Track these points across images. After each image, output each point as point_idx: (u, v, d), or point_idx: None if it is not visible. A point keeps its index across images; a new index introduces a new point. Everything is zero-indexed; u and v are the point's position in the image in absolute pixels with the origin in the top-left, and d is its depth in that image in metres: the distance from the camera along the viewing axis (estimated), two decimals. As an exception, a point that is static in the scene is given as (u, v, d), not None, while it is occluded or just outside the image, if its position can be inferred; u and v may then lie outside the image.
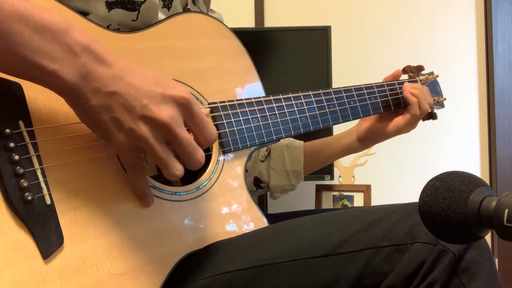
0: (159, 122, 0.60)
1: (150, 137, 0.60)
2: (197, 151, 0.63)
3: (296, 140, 1.18)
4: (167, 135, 0.61)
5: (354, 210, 0.77)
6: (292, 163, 1.14)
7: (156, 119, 0.59)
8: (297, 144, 1.17)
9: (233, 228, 0.79)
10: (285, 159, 1.14)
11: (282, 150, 1.15)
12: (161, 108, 0.60)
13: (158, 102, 0.60)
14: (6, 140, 0.57)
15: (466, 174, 0.55)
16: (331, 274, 0.66)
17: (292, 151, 1.15)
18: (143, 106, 0.59)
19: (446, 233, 0.55)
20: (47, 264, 0.57)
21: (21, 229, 0.56)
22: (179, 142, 0.61)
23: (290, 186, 1.16)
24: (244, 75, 0.89)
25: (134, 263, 0.65)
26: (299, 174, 1.15)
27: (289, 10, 1.92)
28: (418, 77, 1.14)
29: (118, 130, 0.60)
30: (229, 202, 0.80)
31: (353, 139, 1.13)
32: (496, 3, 1.88)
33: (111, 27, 0.77)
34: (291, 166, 1.14)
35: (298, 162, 1.14)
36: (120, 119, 0.59)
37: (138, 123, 0.59)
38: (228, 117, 0.82)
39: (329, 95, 0.97)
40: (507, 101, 1.89)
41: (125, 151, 0.62)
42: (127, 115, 0.59)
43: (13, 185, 0.57)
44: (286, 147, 1.15)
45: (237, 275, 0.69)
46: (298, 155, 1.15)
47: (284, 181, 1.15)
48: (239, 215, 0.80)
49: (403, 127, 1.07)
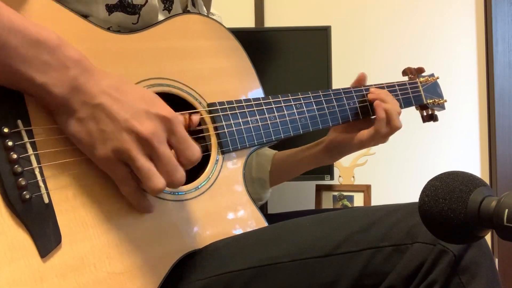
0: (141, 136, 0.60)
1: (133, 149, 0.60)
2: (177, 170, 0.63)
3: (268, 149, 1.13)
4: (149, 150, 0.61)
5: (354, 210, 0.77)
6: (258, 170, 1.11)
7: (138, 133, 0.60)
8: (267, 152, 1.13)
9: (232, 228, 0.79)
10: (252, 166, 1.11)
11: (251, 157, 1.09)
12: (144, 123, 0.61)
13: (141, 117, 0.61)
14: (4, 139, 0.57)
15: (466, 174, 0.55)
16: (331, 274, 0.66)
17: (261, 158, 1.11)
18: (126, 120, 0.60)
19: (446, 233, 0.55)
20: (45, 262, 0.57)
21: (19, 227, 0.56)
22: (159, 159, 0.62)
23: (255, 194, 1.09)
24: (243, 76, 0.89)
25: (132, 262, 0.65)
26: (264, 183, 1.11)
27: (289, 10, 1.92)
28: (418, 79, 1.14)
29: (103, 142, 0.61)
30: (228, 202, 0.80)
31: (320, 149, 1.06)
32: (496, 3, 1.88)
33: (112, 29, 0.77)
34: (256, 173, 1.11)
35: (264, 170, 1.11)
36: (105, 130, 0.60)
37: (122, 134, 0.60)
38: (227, 118, 0.82)
39: (328, 96, 0.96)
40: (507, 101, 1.89)
41: (111, 165, 0.62)
42: (111, 126, 0.60)
43: (11, 184, 0.57)
44: (256, 154, 1.11)
45: (237, 275, 0.69)
46: (265, 163, 1.11)
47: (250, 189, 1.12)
48: (238, 215, 0.80)
49: (366, 141, 0.99)
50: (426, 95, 1.13)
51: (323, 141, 1.06)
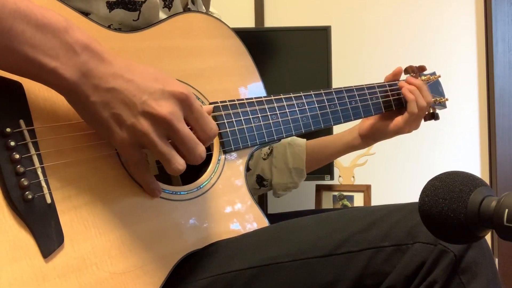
0: (159, 117, 0.60)
1: (151, 132, 0.60)
2: (198, 145, 0.64)
3: (299, 138, 1.18)
4: (168, 130, 0.61)
5: (354, 210, 0.77)
6: (294, 161, 1.14)
7: (156, 115, 0.60)
8: (299, 142, 1.17)
9: (234, 227, 0.79)
10: (287, 157, 1.15)
11: (284, 148, 1.15)
12: (161, 104, 0.60)
13: (158, 98, 0.60)
14: (6, 139, 0.57)
15: (466, 174, 0.55)
16: (331, 274, 0.66)
17: (294, 148, 1.15)
18: (143, 102, 0.60)
19: (446, 233, 0.55)
20: (47, 263, 0.57)
21: (21, 228, 0.56)
22: (179, 137, 0.62)
23: (292, 183, 1.16)
24: (245, 74, 0.89)
25: (134, 262, 0.65)
26: (301, 172, 1.15)
27: (289, 10, 1.92)
28: (419, 77, 1.14)
29: (119, 126, 0.60)
30: (230, 202, 0.80)
31: (354, 136, 1.13)
32: (496, 3, 1.88)
33: (113, 27, 0.77)
34: (293, 164, 1.14)
35: (300, 160, 1.14)
36: (120, 115, 0.60)
37: (138, 118, 0.60)
38: (229, 117, 0.82)
39: (331, 95, 0.96)
40: (507, 101, 1.89)
41: (127, 148, 0.62)
42: (127, 110, 0.60)
43: (13, 184, 0.57)
44: (289, 145, 1.15)
45: (237, 275, 0.69)
46: (300, 153, 1.15)
47: (287, 178, 1.15)
48: (240, 214, 0.80)
49: (403, 126, 1.06)
50: (427, 94, 1.13)
51: (355, 129, 1.14)
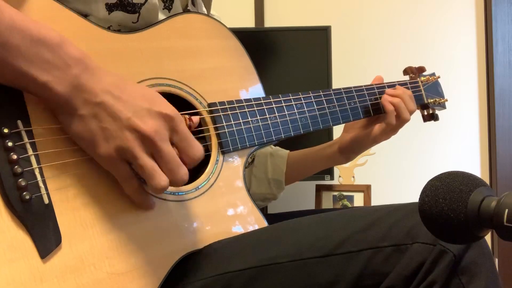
0: (143, 134, 0.60)
1: (136, 146, 0.61)
2: (180, 167, 0.63)
3: (282, 149, 1.17)
4: (151, 149, 0.62)
5: (354, 210, 0.77)
6: (274, 172, 1.13)
7: (140, 131, 0.60)
8: (281, 153, 1.16)
9: (232, 228, 0.79)
10: (267, 167, 1.14)
11: (265, 158, 1.14)
12: (146, 121, 0.61)
13: (143, 116, 0.61)
14: (4, 139, 0.57)
15: (466, 174, 0.55)
16: (331, 275, 0.66)
17: (276, 159, 1.14)
18: (128, 118, 0.61)
19: (446, 233, 0.55)
20: (45, 263, 0.57)
21: (19, 228, 0.56)
22: (162, 157, 0.62)
23: (271, 195, 1.14)
24: (243, 75, 0.89)
25: (132, 262, 0.64)
26: (280, 183, 1.14)
27: (289, 10, 1.92)
28: (419, 78, 1.14)
29: (105, 140, 0.61)
30: (228, 203, 0.80)
31: (334, 150, 1.10)
32: (496, 3, 1.88)
33: (112, 28, 0.77)
34: (272, 175, 1.13)
35: (280, 171, 1.13)
36: (107, 128, 0.60)
37: (124, 132, 0.60)
38: (227, 118, 0.82)
39: (329, 95, 0.96)
40: (507, 101, 1.89)
41: (114, 163, 0.62)
42: (114, 124, 0.60)
43: (11, 184, 0.57)
44: (270, 155, 1.15)
45: (236, 275, 0.69)
46: (280, 164, 1.14)
47: (265, 189, 1.14)
48: (238, 215, 0.80)
49: (379, 136, 1.03)
50: (427, 95, 1.13)
51: (336, 142, 1.10)
